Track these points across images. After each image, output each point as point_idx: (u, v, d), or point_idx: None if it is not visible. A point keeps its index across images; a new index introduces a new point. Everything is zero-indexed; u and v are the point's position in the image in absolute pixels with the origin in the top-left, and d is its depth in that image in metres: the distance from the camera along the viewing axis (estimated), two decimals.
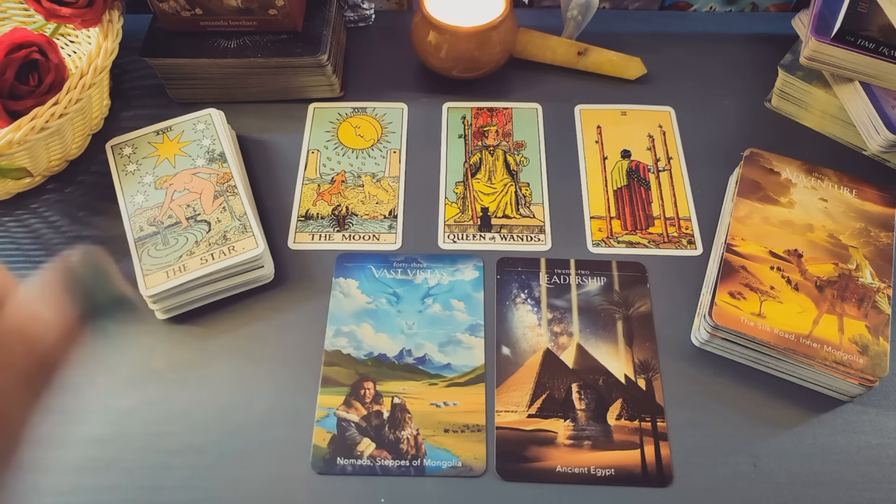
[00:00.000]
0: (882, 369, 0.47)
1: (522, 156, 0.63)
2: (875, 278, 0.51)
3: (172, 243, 0.53)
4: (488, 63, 0.65)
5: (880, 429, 0.49)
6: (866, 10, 0.55)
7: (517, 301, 0.54)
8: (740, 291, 0.50)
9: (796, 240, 0.53)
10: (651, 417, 0.49)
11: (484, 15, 0.62)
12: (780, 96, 0.65)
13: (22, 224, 0.60)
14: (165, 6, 0.61)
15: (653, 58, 0.69)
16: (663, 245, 0.58)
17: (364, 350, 0.52)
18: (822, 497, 0.46)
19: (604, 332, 0.53)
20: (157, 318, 0.53)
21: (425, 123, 0.66)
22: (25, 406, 0.30)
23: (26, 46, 0.53)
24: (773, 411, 0.49)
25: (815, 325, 0.49)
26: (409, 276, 0.56)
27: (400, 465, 0.47)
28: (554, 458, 0.47)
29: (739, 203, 0.55)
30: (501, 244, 0.58)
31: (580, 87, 0.68)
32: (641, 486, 0.46)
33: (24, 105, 0.53)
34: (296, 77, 0.64)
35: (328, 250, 0.58)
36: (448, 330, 0.53)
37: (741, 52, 0.71)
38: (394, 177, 0.62)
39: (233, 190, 0.56)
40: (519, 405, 0.50)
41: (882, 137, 0.56)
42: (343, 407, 0.50)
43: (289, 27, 0.63)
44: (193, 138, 0.59)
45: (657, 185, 0.61)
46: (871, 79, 0.57)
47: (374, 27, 0.74)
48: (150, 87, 0.68)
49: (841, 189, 0.56)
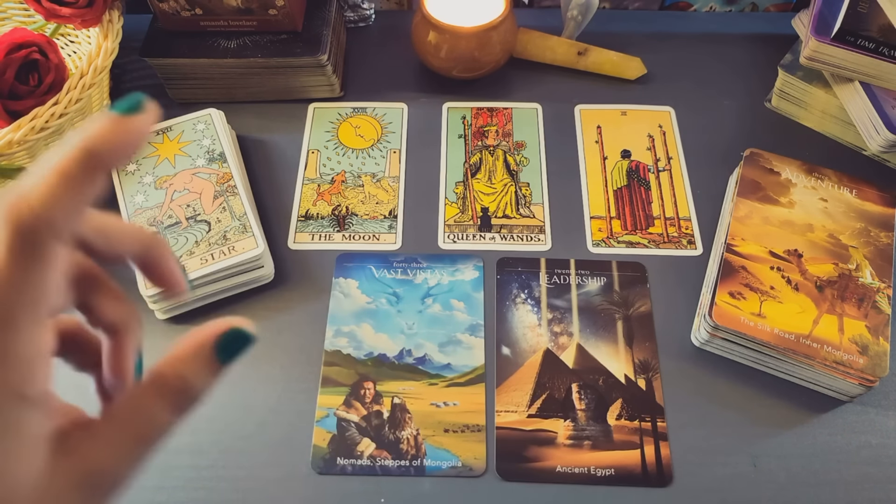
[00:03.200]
0: (882, 369, 0.47)
1: (522, 156, 0.63)
2: (875, 278, 0.51)
3: (172, 243, 0.53)
4: (488, 63, 0.65)
5: (880, 429, 0.49)
6: (866, 10, 0.55)
7: (517, 301, 0.54)
8: (740, 291, 0.50)
9: (796, 240, 0.53)
10: (651, 417, 0.49)
11: (484, 15, 0.62)
12: (780, 96, 0.65)
13: None
14: (165, 6, 0.61)
15: (653, 58, 0.69)
16: (663, 245, 0.58)
17: (364, 350, 0.52)
18: (822, 497, 0.46)
19: (604, 332, 0.53)
20: (157, 318, 0.53)
21: (425, 123, 0.66)
22: None
23: (26, 46, 0.53)
24: (773, 411, 0.49)
25: (815, 325, 0.49)
26: (409, 276, 0.56)
27: (400, 465, 0.47)
28: (554, 458, 0.47)
29: (739, 203, 0.55)
30: (501, 244, 0.58)
31: (580, 87, 0.68)
32: (641, 486, 0.46)
33: (24, 105, 0.53)
34: (296, 77, 0.64)
35: (328, 250, 0.58)
36: (448, 330, 0.53)
37: (741, 52, 0.71)
38: (394, 177, 0.62)
39: (233, 190, 0.56)
40: (519, 405, 0.50)
41: (882, 137, 0.56)
42: (343, 407, 0.50)
43: (289, 27, 0.63)
44: (193, 138, 0.59)
45: (657, 185, 0.61)
46: (871, 79, 0.57)
47: (374, 27, 0.74)
48: (150, 87, 0.68)
49: (841, 189, 0.56)
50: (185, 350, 0.25)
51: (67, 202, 0.22)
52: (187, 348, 0.25)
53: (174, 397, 0.24)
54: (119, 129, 0.23)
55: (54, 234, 0.22)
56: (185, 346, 0.25)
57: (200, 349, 0.25)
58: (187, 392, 0.24)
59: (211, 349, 0.25)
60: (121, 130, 0.23)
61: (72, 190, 0.22)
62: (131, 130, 0.23)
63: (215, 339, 0.25)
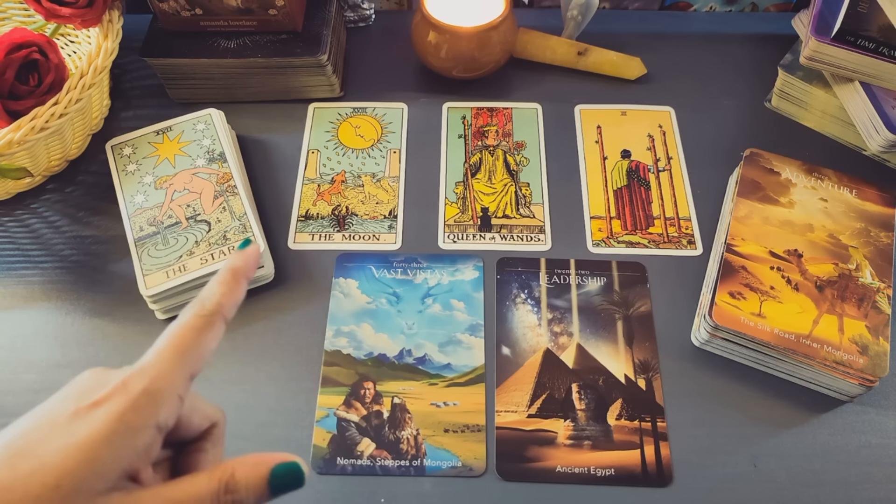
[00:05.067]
0: (882, 369, 0.47)
1: (522, 156, 0.63)
2: (875, 278, 0.51)
3: (172, 243, 0.53)
4: (488, 63, 0.65)
5: (880, 429, 0.49)
6: (866, 10, 0.55)
7: (517, 301, 0.54)
8: (740, 291, 0.50)
9: (796, 240, 0.53)
10: (651, 417, 0.49)
11: (484, 15, 0.62)
12: (780, 96, 0.65)
13: (22, 224, 0.60)
14: (165, 6, 0.61)
15: (653, 58, 0.69)
16: (663, 245, 0.58)
17: (364, 350, 0.52)
18: (822, 497, 0.46)
19: (604, 332, 0.53)
20: (157, 318, 0.53)
21: (425, 123, 0.66)
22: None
23: (26, 46, 0.53)
24: (773, 411, 0.49)
25: (815, 325, 0.49)
26: (409, 276, 0.56)
27: (400, 465, 0.47)
28: (554, 458, 0.47)
29: (739, 203, 0.55)
30: (501, 244, 0.58)
31: (580, 87, 0.68)
32: (641, 486, 0.46)
33: (24, 105, 0.53)
34: (296, 77, 0.64)
35: (328, 250, 0.58)
36: (448, 330, 0.53)
37: (741, 52, 0.71)
38: (394, 177, 0.62)
39: (233, 190, 0.56)
40: (519, 405, 0.50)
41: (882, 137, 0.56)
42: (343, 407, 0.50)
43: (289, 27, 0.63)
44: (193, 138, 0.59)
45: (657, 185, 0.61)
46: (871, 79, 0.57)
47: (374, 27, 0.74)
48: (150, 87, 0.68)
49: (841, 189, 0.56)
50: (247, 460, 0.27)
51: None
52: (249, 460, 0.27)
53: (222, 494, 0.26)
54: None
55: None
56: (249, 457, 0.27)
57: (259, 466, 0.27)
58: (233, 494, 0.26)
59: (267, 471, 0.27)
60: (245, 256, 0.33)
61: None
62: (251, 254, 0.33)
63: (274, 464, 0.27)
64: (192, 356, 0.28)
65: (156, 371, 0.26)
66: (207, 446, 0.31)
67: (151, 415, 0.25)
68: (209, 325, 0.29)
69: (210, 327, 0.29)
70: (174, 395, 0.26)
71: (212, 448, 0.31)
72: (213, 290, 0.30)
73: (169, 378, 0.26)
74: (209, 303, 0.29)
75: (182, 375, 0.27)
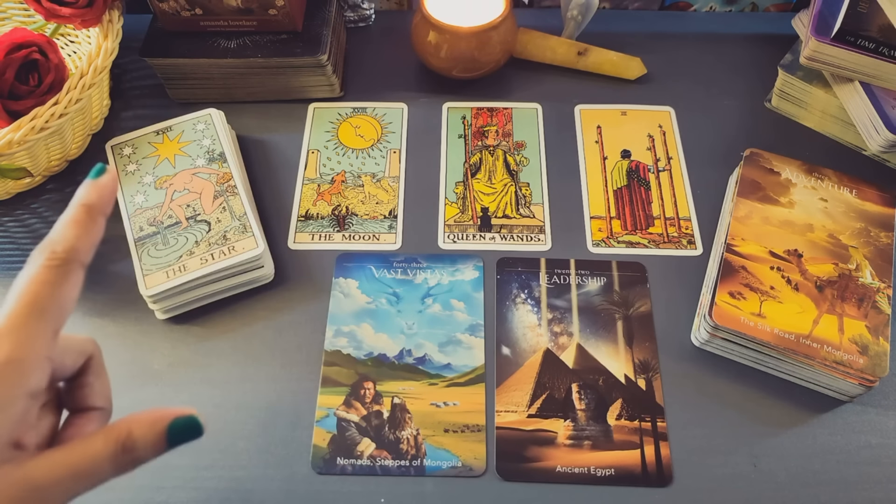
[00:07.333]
0: (882, 369, 0.47)
1: (522, 156, 0.63)
2: (875, 278, 0.51)
3: (172, 243, 0.53)
4: (488, 63, 0.65)
5: (880, 429, 0.49)
6: (866, 10, 0.55)
7: (517, 301, 0.54)
8: (740, 291, 0.50)
9: (796, 240, 0.53)
10: (651, 417, 0.49)
11: (484, 15, 0.62)
12: (780, 96, 0.65)
13: (22, 224, 0.60)
14: (165, 6, 0.61)
15: (653, 58, 0.69)
16: (663, 245, 0.58)
17: (364, 350, 0.52)
18: (822, 497, 0.46)
19: (604, 332, 0.53)
20: (157, 318, 0.53)
21: (425, 123, 0.66)
22: None
23: (26, 46, 0.53)
24: (773, 411, 0.49)
25: (815, 325, 0.49)
26: (409, 276, 0.56)
27: (400, 465, 0.47)
28: (554, 458, 0.47)
29: (739, 203, 0.55)
30: (501, 244, 0.58)
31: (580, 87, 0.68)
32: (641, 486, 0.46)
33: (24, 105, 0.53)
34: (296, 77, 0.64)
35: (328, 250, 0.58)
36: (448, 330, 0.53)
37: (741, 52, 0.71)
38: (394, 177, 0.62)
39: (233, 190, 0.56)
40: (519, 405, 0.50)
41: (882, 137, 0.56)
42: (343, 407, 0.50)
43: (289, 27, 0.63)
44: (193, 138, 0.59)
45: (657, 185, 0.61)
46: (871, 79, 0.57)
47: (374, 27, 0.74)
48: (150, 87, 0.68)
49: (841, 189, 0.56)
50: (143, 417, 0.27)
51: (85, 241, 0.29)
52: (146, 417, 0.27)
53: (120, 454, 0.26)
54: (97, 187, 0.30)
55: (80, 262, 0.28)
56: (145, 415, 0.27)
57: (156, 423, 0.27)
58: (131, 454, 0.26)
59: (164, 427, 0.27)
60: (99, 188, 0.30)
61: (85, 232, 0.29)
62: (106, 185, 0.31)
63: (171, 419, 0.27)
64: (52, 313, 0.25)
65: (15, 337, 0.24)
66: (90, 380, 0.30)
67: (19, 384, 0.24)
68: (65, 276, 0.26)
69: (66, 277, 0.26)
70: (40, 359, 0.25)
71: (96, 380, 0.30)
72: (64, 232, 0.27)
73: (30, 344, 0.24)
74: (61, 248, 0.26)
75: (45, 337, 0.25)
